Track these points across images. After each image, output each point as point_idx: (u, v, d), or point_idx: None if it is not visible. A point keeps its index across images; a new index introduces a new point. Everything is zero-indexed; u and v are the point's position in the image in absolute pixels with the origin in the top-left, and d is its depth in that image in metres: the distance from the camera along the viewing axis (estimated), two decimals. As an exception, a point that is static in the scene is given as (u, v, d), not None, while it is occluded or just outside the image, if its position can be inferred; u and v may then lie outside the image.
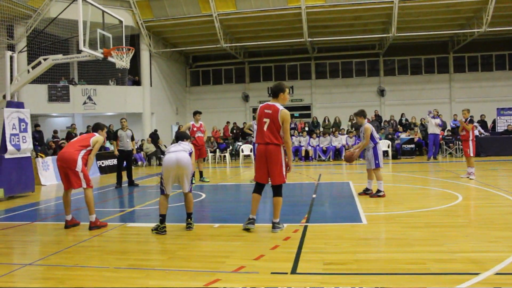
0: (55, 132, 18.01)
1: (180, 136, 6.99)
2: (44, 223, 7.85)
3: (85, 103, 22.49)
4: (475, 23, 22.36)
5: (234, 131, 25.11)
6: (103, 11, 10.53)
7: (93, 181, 7.50)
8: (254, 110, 29.15)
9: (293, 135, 21.13)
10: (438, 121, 18.27)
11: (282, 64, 28.80)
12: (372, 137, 9.05)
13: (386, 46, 25.23)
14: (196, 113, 12.86)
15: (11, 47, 20.59)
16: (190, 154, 6.64)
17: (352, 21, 23.29)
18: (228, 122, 26.29)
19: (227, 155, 21.71)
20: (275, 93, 6.30)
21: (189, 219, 6.67)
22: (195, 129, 12.63)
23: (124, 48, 10.68)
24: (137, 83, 24.37)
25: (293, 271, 4.53)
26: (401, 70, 27.60)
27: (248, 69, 29.36)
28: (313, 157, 20.27)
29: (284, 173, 6.18)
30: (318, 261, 4.82)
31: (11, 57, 10.82)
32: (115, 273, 4.69)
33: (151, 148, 21.77)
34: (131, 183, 12.69)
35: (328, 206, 8.42)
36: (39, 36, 19.32)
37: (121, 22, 11.30)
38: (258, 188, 6.33)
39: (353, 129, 21.36)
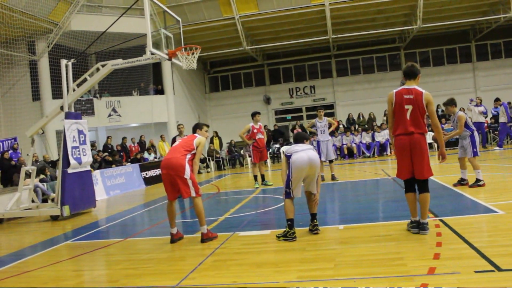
0: (93, 145, 17.44)
1: (299, 138, 6.42)
2: (142, 239, 7.32)
3: (109, 115, 21.94)
4: (501, 8, 22.01)
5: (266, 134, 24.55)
6: (164, 11, 10.03)
7: (140, 193, 6.96)
8: (276, 112, 28.75)
9: (333, 135, 20.71)
10: (482, 108, 17.83)
11: (302, 64, 28.33)
12: (467, 125, 8.66)
13: (409, 39, 24.82)
14: (255, 113, 12.31)
15: (33, 63, 20.13)
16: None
17: (374, 15, 22.90)
18: (265, 126, 25.83)
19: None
20: (413, 74, 5.77)
21: (314, 221, 6.17)
22: (255, 130, 12.12)
23: (187, 48, 10.13)
24: (160, 92, 23.85)
25: (498, 268, 4.04)
26: (423, 63, 27.14)
27: (267, 71, 28.88)
28: (357, 154, 19.86)
29: (430, 164, 5.61)
30: (510, 255, 4.36)
31: (66, 66, 10.28)
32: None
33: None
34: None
35: (437, 199, 7.89)
36: (59, 50, 18.92)
37: (178, 21, 10.80)
38: (410, 185, 5.67)
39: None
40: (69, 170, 9.88)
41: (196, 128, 7.02)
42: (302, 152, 5.91)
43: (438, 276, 4.00)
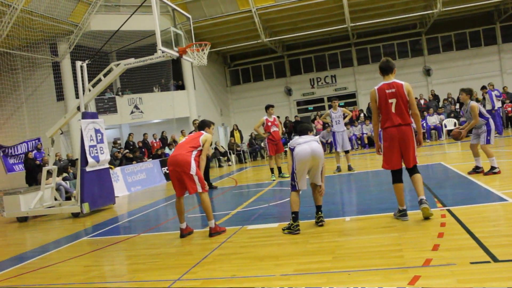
0: (115, 142, 17.82)
1: (303, 130, 6.47)
2: (154, 234, 7.48)
3: (132, 112, 22.32)
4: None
5: (287, 125, 24.50)
6: (173, 9, 10.14)
7: (161, 188, 7.07)
8: (298, 103, 28.69)
9: (353, 124, 20.58)
10: (496, 93, 17.44)
11: (322, 54, 28.13)
12: (481, 114, 8.50)
13: (429, 24, 24.32)
14: (268, 107, 12.39)
15: (56, 64, 20.61)
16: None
17: (392, 1, 22.52)
18: (278, 117, 25.80)
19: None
20: (390, 68, 5.86)
21: (319, 213, 6.20)
22: (269, 123, 12.20)
23: (196, 45, 10.24)
24: (181, 87, 24.09)
25: (495, 259, 4.00)
26: (446, 47, 26.61)
27: (287, 63, 28.80)
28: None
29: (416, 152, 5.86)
30: (510, 246, 4.30)
31: (81, 67, 10.52)
32: (287, 281, 4.21)
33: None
34: (210, 186, 12.27)
35: (450, 188, 7.82)
36: (78, 51, 19.30)
37: (188, 19, 10.90)
38: (398, 175, 5.86)
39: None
40: (87, 168, 10.15)
41: (204, 126, 7.11)
42: (305, 144, 5.97)
43: (432, 268, 3.99)
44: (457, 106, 20.88)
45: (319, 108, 28.11)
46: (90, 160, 10.16)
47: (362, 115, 21.78)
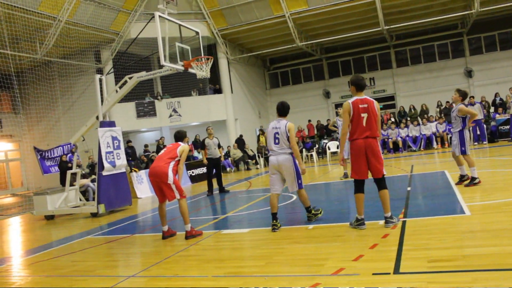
0: (146, 146, 18.88)
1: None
2: (143, 235, 8.21)
3: (170, 115, 23.40)
4: None
5: (319, 128, 24.83)
6: (180, 25, 10.84)
7: (185, 190, 7.71)
8: (337, 106, 28.66)
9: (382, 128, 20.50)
10: (478, 105, 16.94)
11: (360, 56, 28.07)
12: (464, 120, 8.46)
13: (469, 24, 23.68)
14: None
15: (100, 71, 22.01)
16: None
17: (429, 2, 22.13)
18: (309, 121, 26.13)
19: (314, 153, 21.47)
20: (363, 86, 6.40)
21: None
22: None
23: (203, 58, 10.90)
24: (218, 91, 24.94)
25: (396, 271, 4.33)
26: (489, 47, 25.72)
27: (326, 65, 28.98)
28: (402, 148, 19.48)
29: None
30: (422, 259, 4.58)
31: (100, 80, 11.47)
32: (214, 281, 4.77)
33: (238, 153, 22.14)
34: (222, 189, 12.96)
35: (425, 198, 8.02)
36: (123, 57, 20.48)
37: (197, 33, 11.58)
38: (361, 186, 6.22)
39: (442, 114, 20.26)
40: (104, 173, 11.09)
41: (182, 137, 7.75)
42: (273, 156, 6.71)
43: (336, 277, 4.37)
44: (492, 109, 20.29)
45: (357, 111, 28.07)
46: (106, 165, 11.08)
47: (392, 119, 21.56)
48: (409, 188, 9.18)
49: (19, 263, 7.13)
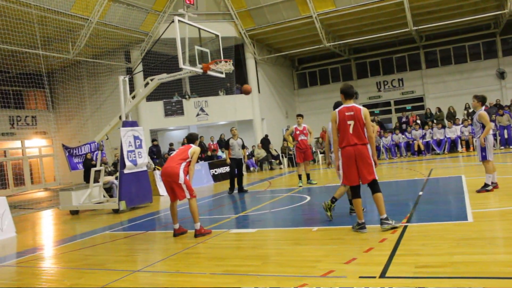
0: (171, 144, 19.34)
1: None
2: (157, 232, 8.54)
3: (198, 114, 23.79)
4: None
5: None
6: (199, 28, 11.12)
7: (208, 189, 7.96)
8: (364, 106, 28.48)
9: (405, 130, 20.30)
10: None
11: (389, 57, 27.80)
12: (482, 126, 8.40)
13: (502, 24, 23.12)
14: (297, 116, 13.03)
15: (129, 70, 22.62)
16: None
17: (460, 2, 21.73)
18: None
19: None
20: (352, 95, 6.47)
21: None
22: (297, 132, 12.77)
23: (222, 61, 11.14)
24: (245, 91, 25.15)
25: (382, 275, 4.44)
26: (525, 48, 25.10)
27: (354, 66, 28.85)
28: (425, 151, 19.24)
29: (374, 169, 6.29)
30: (410, 264, 4.67)
31: (124, 81, 11.88)
32: (210, 278, 4.99)
33: (262, 153, 22.34)
34: (241, 189, 13.16)
35: (433, 203, 8.02)
36: (151, 57, 21.00)
37: (217, 36, 11.82)
38: (356, 191, 6.38)
39: (469, 118, 19.87)
40: (125, 171, 11.49)
41: (194, 139, 8.00)
42: None
43: (325, 279, 4.52)
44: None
45: (385, 112, 27.86)
46: (127, 163, 11.49)
47: (418, 121, 21.25)
48: (421, 193, 9.17)
49: (38, 255, 7.54)
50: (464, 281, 4.03)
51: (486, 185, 8.32)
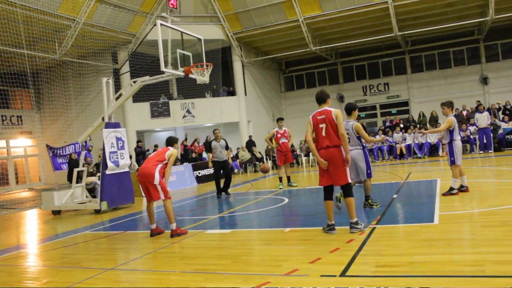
0: (156, 146, 19.45)
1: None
2: (135, 232, 8.67)
3: (184, 116, 23.92)
4: None
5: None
6: (182, 32, 11.27)
7: (191, 190, 8.10)
8: (349, 110, 28.80)
9: (387, 134, 20.58)
10: (486, 113, 16.86)
11: (375, 61, 28.17)
12: (451, 132, 8.62)
13: (485, 31, 23.54)
14: (278, 120, 13.22)
15: (116, 71, 22.69)
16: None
17: (445, 8, 22.09)
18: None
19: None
20: (323, 99, 6.65)
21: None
22: (279, 135, 12.95)
23: (204, 65, 11.31)
24: (232, 93, 25.37)
25: (343, 274, 4.63)
26: (506, 54, 25.50)
27: (341, 70, 29.16)
28: (407, 154, 19.53)
29: (348, 172, 6.39)
30: (371, 264, 4.87)
31: (107, 83, 11.99)
32: (179, 276, 5.16)
33: (246, 155, 22.49)
34: (225, 191, 12.95)
35: (405, 206, 8.25)
36: (138, 58, 21.07)
37: (199, 39, 11.98)
38: (328, 194, 6.52)
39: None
40: (107, 172, 11.61)
41: (172, 142, 8.13)
42: None
43: (287, 277, 4.69)
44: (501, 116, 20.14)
45: (371, 116, 28.18)
46: (109, 164, 11.60)
47: (401, 125, 21.52)
48: (395, 196, 9.40)
49: (17, 254, 7.64)
50: (419, 280, 4.23)
51: (451, 188, 8.56)
